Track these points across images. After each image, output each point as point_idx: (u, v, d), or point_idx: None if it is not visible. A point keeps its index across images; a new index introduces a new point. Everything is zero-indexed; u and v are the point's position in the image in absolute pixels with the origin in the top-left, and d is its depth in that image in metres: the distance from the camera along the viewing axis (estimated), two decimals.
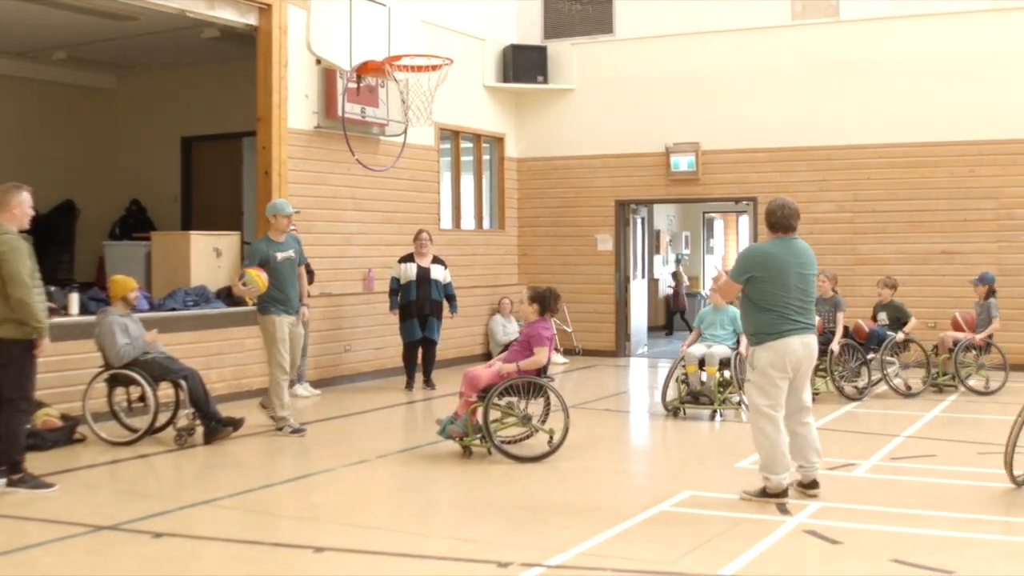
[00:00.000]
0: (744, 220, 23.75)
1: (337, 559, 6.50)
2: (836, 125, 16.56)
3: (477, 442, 9.45)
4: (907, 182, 16.21)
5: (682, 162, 17.46)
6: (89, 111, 18.57)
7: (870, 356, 13.14)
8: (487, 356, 16.79)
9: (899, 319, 13.54)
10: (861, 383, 13.03)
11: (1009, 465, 8.18)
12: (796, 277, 7.76)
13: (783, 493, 7.75)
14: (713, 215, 25.58)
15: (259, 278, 10.50)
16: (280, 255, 10.87)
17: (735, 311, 12.07)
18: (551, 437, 9.51)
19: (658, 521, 7.36)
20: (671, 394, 11.98)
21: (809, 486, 7.92)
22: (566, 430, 9.48)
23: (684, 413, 11.77)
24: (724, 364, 11.81)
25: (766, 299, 7.72)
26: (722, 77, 17.26)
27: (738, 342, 11.94)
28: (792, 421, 7.89)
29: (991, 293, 13.65)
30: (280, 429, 10.71)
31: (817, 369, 12.46)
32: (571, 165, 18.36)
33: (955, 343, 13.34)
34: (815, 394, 12.46)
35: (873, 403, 12.79)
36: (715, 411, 11.67)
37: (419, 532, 7.19)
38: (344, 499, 8.26)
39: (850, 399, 12.72)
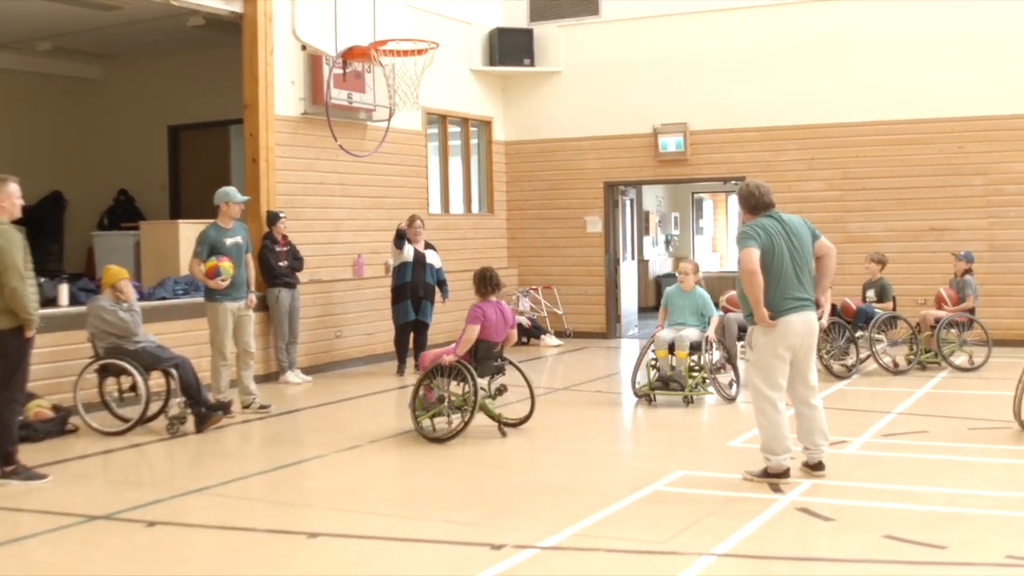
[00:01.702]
0: (733, 200, 23.75)
1: (330, 544, 6.52)
2: (824, 103, 16.55)
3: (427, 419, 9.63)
4: (896, 159, 16.21)
5: (670, 143, 17.44)
6: (75, 101, 18.49)
7: (858, 334, 13.16)
8: None
9: (884, 299, 13.54)
10: (850, 361, 13.06)
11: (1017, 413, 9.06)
12: (790, 249, 7.69)
13: (784, 473, 7.74)
14: (702, 195, 25.56)
15: (229, 267, 10.92)
16: (229, 240, 11.17)
17: (704, 295, 11.68)
18: (497, 419, 9.73)
19: (650, 501, 7.38)
20: (641, 379, 11.53)
21: (815, 467, 7.90)
22: (472, 411, 9.44)
23: (655, 400, 11.35)
24: (695, 348, 11.32)
25: (764, 275, 7.59)
26: (709, 57, 17.24)
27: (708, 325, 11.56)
28: (799, 403, 7.88)
29: (969, 270, 13.67)
30: (247, 407, 11.22)
31: None
32: (559, 148, 18.33)
33: (936, 320, 13.36)
34: None
35: (862, 381, 12.82)
36: (687, 397, 11.22)
37: (412, 516, 7.20)
38: (337, 485, 8.27)
39: (838, 377, 12.75)
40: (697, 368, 11.31)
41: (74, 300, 11.56)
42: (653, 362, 11.43)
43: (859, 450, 8.92)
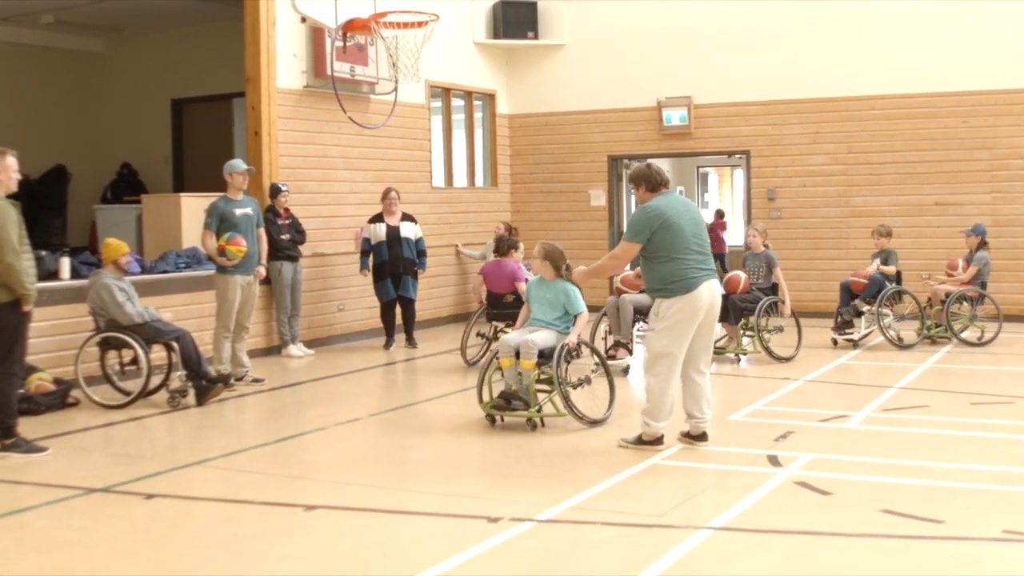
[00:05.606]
0: (739, 173, 23.70)
1: (327, 517, 6.53)
2: (829, 77, 16.45)
3: None
4: (901, 133, 16.13)
5: (675, 116, 17.37)
6: (78, 75, 18.48)
7: (864, 308, 13.12)
8: None
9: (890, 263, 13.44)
10: (856, 336, 13.05)
11: None
12: (689, 224, 7.90)
13: (658, 440, 7.95)
14: (707, 169, 25.53)
15: (238, 251, 10.95)
16: (238, 211, 11.25)
17: (569, 287, 9.21)
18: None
19: (649, 474, 7.38)
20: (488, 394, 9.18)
21: (699, 438, 8.06)
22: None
23: (502, 420, 9.06)
24: (546, 356, 8.92)
25: (670, 249, 7.80)
26: (714, 30, 17.13)
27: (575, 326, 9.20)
28: (691, 368, 8.00)
29: (982, 245, 13.59)
30: (240, 379, 11.21)
31: (745, 328, 12.39)
32: (563, 121, 18.26)
33: (947, 295, 13.30)
34: (743, 354, 12.42)
35: (866, 355, 12.80)
36: (531, 420, 8.86)
37: (410, 489, 7.20)
38: (336, 457, 8.28)
39: (777, 359, 12.16)
40: (545, 382, 9.00)
41: (76, 274, 11.56)
42: (498, 372, 9.14)
43: (859, 424, 8.90)
